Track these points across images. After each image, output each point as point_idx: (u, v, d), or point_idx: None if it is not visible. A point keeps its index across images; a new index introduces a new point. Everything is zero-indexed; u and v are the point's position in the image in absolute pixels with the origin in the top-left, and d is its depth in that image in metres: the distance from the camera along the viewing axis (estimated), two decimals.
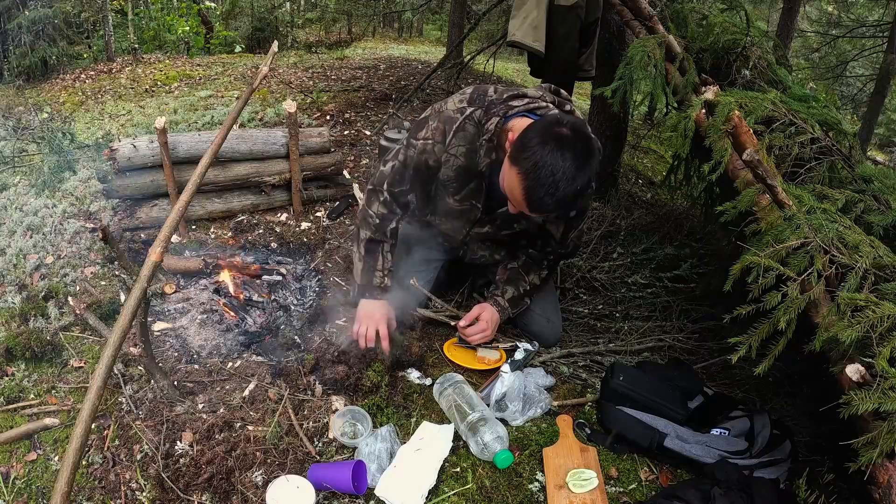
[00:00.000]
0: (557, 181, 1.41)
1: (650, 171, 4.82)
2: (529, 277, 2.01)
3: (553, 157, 1.40)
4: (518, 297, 2.00)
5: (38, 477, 1.50)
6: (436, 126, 1.76)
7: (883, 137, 10.38)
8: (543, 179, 1.41)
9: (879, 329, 1.20)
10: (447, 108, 1.76)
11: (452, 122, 1.73)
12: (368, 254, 1.95)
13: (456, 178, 1.80)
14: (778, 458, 1.53)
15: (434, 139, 1.76)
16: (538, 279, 2.02)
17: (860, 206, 1.65)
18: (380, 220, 1.94)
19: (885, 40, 7.43)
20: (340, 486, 1.46)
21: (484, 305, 1.97)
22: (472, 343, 1.96)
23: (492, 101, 1.71)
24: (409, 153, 1.84)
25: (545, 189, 1.42)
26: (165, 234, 1.50)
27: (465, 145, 1.74)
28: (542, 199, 1.44)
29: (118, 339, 1.30)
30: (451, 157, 1.76)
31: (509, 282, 2.01)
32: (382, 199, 1.93)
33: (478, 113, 1.71)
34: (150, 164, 2.68)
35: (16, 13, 6.40)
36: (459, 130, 1.72)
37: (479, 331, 1.93)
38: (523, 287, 2.00)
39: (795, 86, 2.17)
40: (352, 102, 5.06)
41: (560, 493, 1.47)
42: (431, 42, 12.99)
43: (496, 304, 1.98)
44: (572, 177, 1.41)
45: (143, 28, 8.75)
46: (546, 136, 1.43)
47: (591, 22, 3.00)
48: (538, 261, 2.02)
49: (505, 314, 1.99)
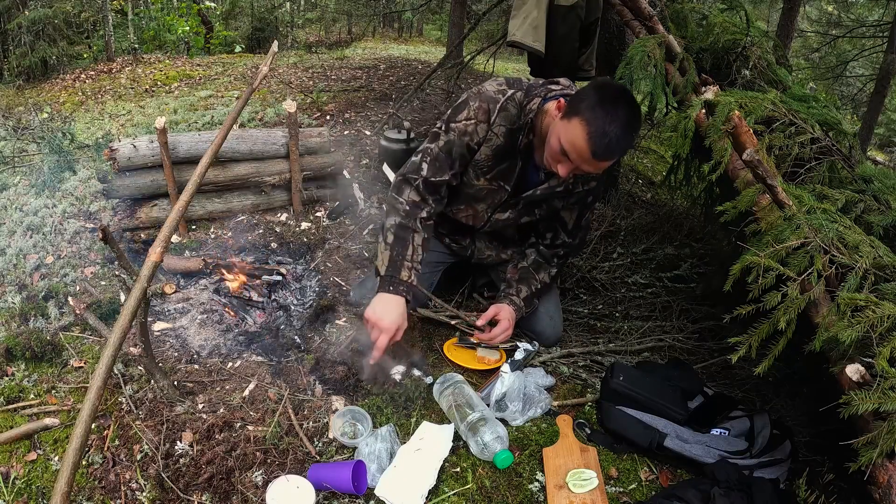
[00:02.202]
0: (620, 123, 1.50)
1: (650, 171, 4.82)
2: (540, 276, 2.01)
3: (613, 105, 1.51)
4: (531, 296, 2.00)
5: (38, 477, 1.50)
6: (478, 106, 1.76)
7: (883, 137, 10.38)
8: (607, 123, 1.49)
9: (879, 329, 1.20)
10: (487, 90, 1.78)
11: (496, 102, 1.76)
12: (398, 240, 1.78)
13: (492, 158, 1.82)
14: (778, 458, 1.53)
15: (477, 119, 1.77)
16: (548, 277, 2.02)
17: (860, 206, 1.65)
18: (410, 206, 1.81)
19: (885, 40, 7.43)
20: (340, 486, 1.46)
21: (500, 305, 1.95)
22: (496, 343, 1.93)
23: (531, 85, 1.77)
24: (449, 137, 1.80)
25: (610, 132, 1.49)
26: (165, 234, 1.50)
27: (506, 125, 1.77)
28: (607, 143, 1.50)
29: (118, 339, 1.30)
30: (493, 136, 1.78)
31: (522, 280, 2.01)
32: (416, 184, 1.83)
33: (519, 95, 1.76)
34: (150, 164, 2.68)
35: (16, 13, 6.40)
36: (502, 111, 1.76)
37: (501, 331, 1.90)
38: (535, 286, 2.00)
39: (795, 86, 2.17)
40: (352, 102, 5.07)
41: (560, 493, 1.47)
42: (431, 42, 12.99)
43: (512, 303, 1.96)
44: (630, 121, 1.52)
45: (143, 28, 8.76)
46: (603, 91, 1.55)
47: (591, 22, 3.00)
48: (548, 258, 2.03)
49: (520, 313, 1.97)
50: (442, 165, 1.83)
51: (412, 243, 1.79)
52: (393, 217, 1.82)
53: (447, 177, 1.84)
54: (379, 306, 1.72)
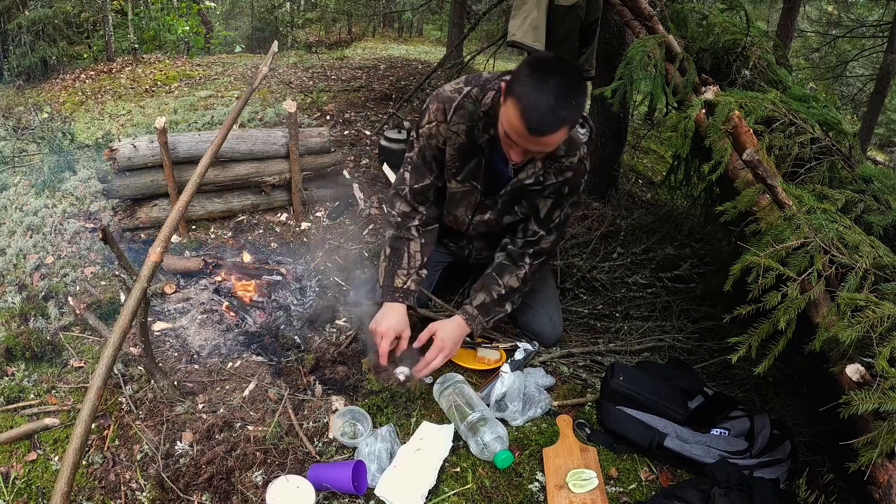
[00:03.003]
0: (552, 93, 1.43)
1: (650, 171, 4.82)
2: (504, 279, 1.91)
3: (544, 76, 1.45)
4: (491, 303, 1.89)
5: (38, 477, 1.50)
6: (436, 107, 1.78)
7: (883, 137, 10.38)
8: (537, 95, 1.43)
9: (879, 329, 1.20)
10: (445, 90, 1.79)
11: (451, 101, 1.76)
12: (393, 251, 1.90)
13: (458, 157, 1.81)
14: (778, 458, 1.53)
15: (437, 120, 1.78)
16: (516, 280, 1.91)
17: (860, 206, 1.65)
18: (401, 217, 1.91)
19: (885, 40, 7.42)
20: (340, 486, 1.46)
21: (438, 323, 1.85)
22: (422, 375, 1.80)
23: (487, 80, 1.76)
24: (420, 143, 1.85)
25: (542, 103, 1.43)
26: (165, 234, 1.50)
27: (465, 123, 1.76)
28: (541, 116, 1.44)
29: (118, 339, 1.30)
30: (453, 134, 1.78)
31: (483, 288, 1.92)
32: (403, 195, 1.90)
33: (475, 91, 1.75)
34: (150, 164, 2.68)
35: (16, 13, 6.40)
36: (459, 108, 1.75)
37: (434, 354, 1.77)
38: (497, 291, 1.90)
39: (795, 86, 2.17)
40: (352, 102, 5.07)
41: (560, 493, 1.47)
42: (431, 42, 12.99)
43: (464, 312, 1.87)
44: (564, 90, 1.44)
45: (143, 28, 8.75)
46: (534, 65, 1.49)
47: (591, 22, 3.00)
48: (516, 258, 1.93)
49: (476, 323, 1.86)
50: (422, 171, 1.87)
51: (407, 251, 1.89)
52: (389, 231, 1.94)
53: (429, 181, 1.88)
54: (379, 315, 1.84)
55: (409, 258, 1.88)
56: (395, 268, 1.88)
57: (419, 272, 1.89)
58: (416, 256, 1.89)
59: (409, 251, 1.89)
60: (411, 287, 1.87)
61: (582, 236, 2.85)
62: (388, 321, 1.80)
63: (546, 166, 1.76)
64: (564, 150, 1.74)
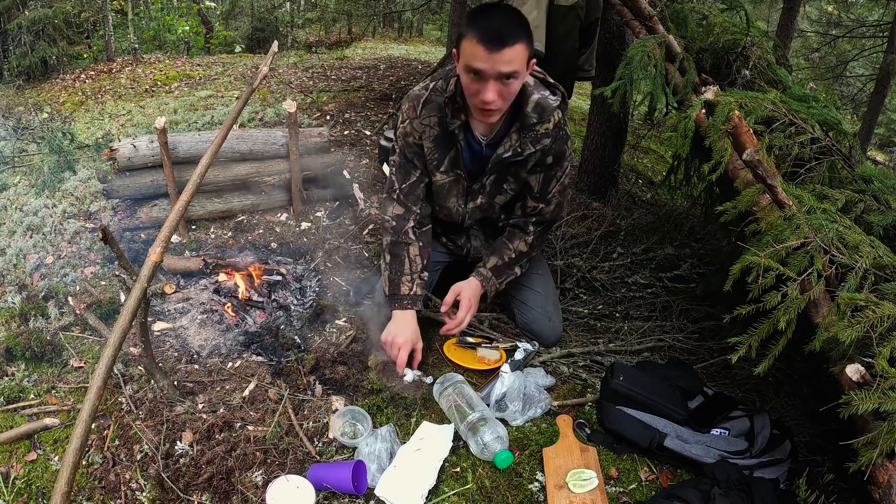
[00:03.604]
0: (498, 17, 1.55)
1: (650, 171, 4.82)
2: (514, 244, 1.99)
3: (487, 10, 1.59)
4: (503, 266, 1.98)
5: (38, 477, 1.50)
6: (407, 106, 1.86)
7: (883, 137, 10.38)
8: (486, 21, 1.54)
9: (879, 329, 1.20)
10: (413, 90, 1.87)
11: (420, 97, 1.83)
12: (393, 258, 1.92)
13: (436, 149, 1.86)
14: (778, 458, 1.53)
15: (409, 117, 1.85)
16: (524, 245, 1.99)
17: (860, 206, 1.65)
18: (396, 221, 1.94)
19: (885, 40, 7.42)
20: (340, 486, 1.46)
21: (459, 284, 1.95)
22: (458, 327, 1.91)
23: (448, 71, 1.82)
24: (399, 144, 1.91)
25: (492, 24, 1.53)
26: (165, 234, 1.50)
27: (435, 114, 1.82)
28: (496, 30, 1.52)
29: (118, 339, 1.30)
30: (426, 127, 1.84)
31: (493, 252, 2.02)
32: (395, 197, 1.94)
33: (439, 83, 1.82)
34: (150, 164, 2.68)
35: (16, 13, 6.40)
36: (427, 102, 1.82)
37: (465, 312, 1.89)
38: (508, 255, 1.99)
39: (795, 86, 2.17)
40: (352, 102, 5.06)
41: (560, 493, 1.47)
42: (431, 42, 12.97)
43: (479, 274, 1.97)
44: (508, 15, 1.57)
45: (143, 28, 8.75)
46: (475, 10, 1.63)
47: (591, 22, 3.00)
48: (522, 226, 2.00)
49: (490, 284, 1.96)
50: (407, 169, 1.92)
51: (407, 256, 1.92)
52: (386, 237, 1.96)
53: (415, 177, 1.93)
54: (392, 326, 1.86)
55: (409, 263, 1.91)
56: (398, 275, 1.90)
57: (421, 275, 1.92)
58: (417, 260, 1.92)
59: (409, 256, 1.92)
60: (417, 292, 1.91)
61: (582, 236, 2.85)
62: (404, 334, 1.83)
63: (521, 137, 1.79)
64: (537, 118, 1.76)
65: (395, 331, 1.84)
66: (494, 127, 1.81)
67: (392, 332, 1.85)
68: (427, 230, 2.00)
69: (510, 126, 1.79)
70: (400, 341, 1.81)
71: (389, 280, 1.91)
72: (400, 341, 1.81)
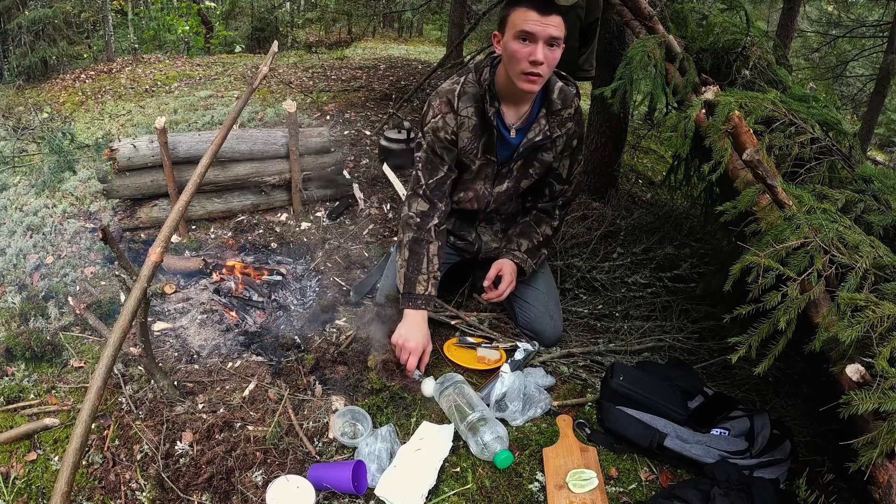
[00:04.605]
0: None
1: (650, 171, 4.82)
2: (541, 228, 2.09)
3: None
4: (534, 248, 2.07)
5: (38, 477, 1.50)
6: (439, 102, 1.88)
7: (883, 137, 10.38)
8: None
9: (879, 329, 1.20)
10: (443, 87, 1.90)
11: (453, 92, 1.87)
12: (412, 255, 1.89)
13: (474, 139, 1.90)
14: (778, 458, 1.53)
15: (442, 112, 1.87)
16: (550, 229, 2.10)
17: (860, 206, 1.65)
18: (420, 217, 1.92)
19: (885, 40, 7.42)
20: (340, 486, 1.46)
21: (502, 261, 2.04)
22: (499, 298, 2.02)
23: (476, 64, 1.88)
24: (427, 140, 1.91)
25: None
26: (165, 234, 1.50)
27: (472, 104, 1.86)
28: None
29: (118, 339, 1.30)
30: (465, 119, 1.87)
31: (522, 235, 2.08)
32: (421, 193, 1.93)
33: (471, 76, 1.88)
34: (150, 164, 2.68)
35: (16, 13, 6.40)
36: (462, 94, 1.86)
37: (506, 286, 2.01)
38: (536, 238, 2.07)
39: (795, 86, 2.17)
40: (352, 102, 5.07)
41: (560, 493, 1.47)
42: (431, 42, 12.98)
43: (514, 257, 2.04)
44: None
45: (143, 28, 8.76)
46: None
47: (591, 22, 3.00)
48: (549, 211, 2.10)
49: (527, 265, 2.04)
50: (434, 165, 1.92)
51: (426, 255, 1.90)
52: (407, 233, 1.92)
53: (443, 173, 1.93)
54: (404, 328, 1.84)
55: (427, 262, 1.90)
56: (416, 273, 1.88)
57: (436, 276, 1.92)
58: (434, 260, 1.91)
59: (428, 255, 1.90)
60: (432, 293, 1.90)
61: (582, 236, 2.84)
62: (416, 337, 1.81)
63: (550, 121, 1.90)
64: (561, 104, 1.90)
65: (407, 333, 1.82)
66: (523, 113, 1.89)
67: (403, 334, 1.82)
68: (444, 230, 2.00)
69: (538, 112, 1.90)
70: (411, 346, 1.80)
71: (406, 278, 1.88)
72: (411, 346, 1.80)
